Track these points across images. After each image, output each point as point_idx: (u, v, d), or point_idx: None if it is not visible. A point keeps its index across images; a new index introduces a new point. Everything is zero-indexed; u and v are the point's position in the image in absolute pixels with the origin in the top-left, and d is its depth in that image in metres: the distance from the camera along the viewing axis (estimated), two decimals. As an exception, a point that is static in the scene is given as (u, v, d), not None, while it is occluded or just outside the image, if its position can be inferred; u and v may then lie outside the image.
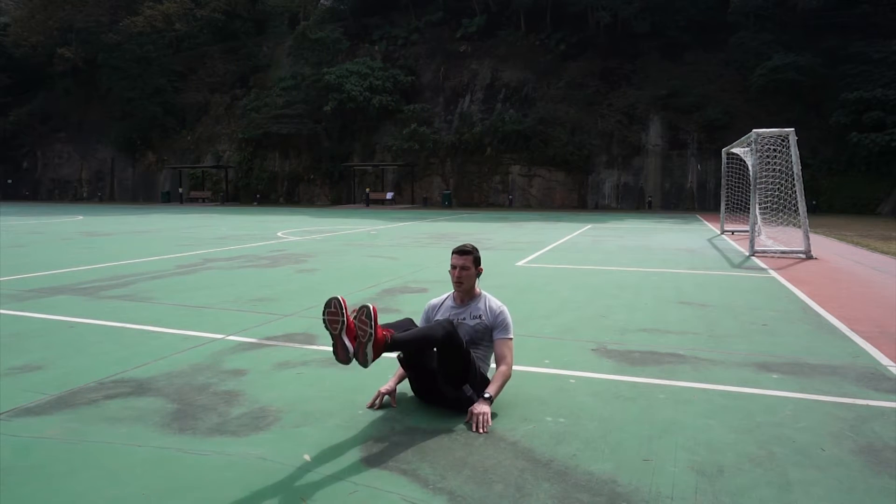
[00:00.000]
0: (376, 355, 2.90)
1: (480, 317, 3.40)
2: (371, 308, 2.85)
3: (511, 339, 3.40)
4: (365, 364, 2.90)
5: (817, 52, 33.64)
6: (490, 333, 3.39)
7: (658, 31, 38.20)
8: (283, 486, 2.44)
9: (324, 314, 2.91)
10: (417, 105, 40.52)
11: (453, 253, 3.46)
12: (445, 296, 3.62)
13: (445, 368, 3.12)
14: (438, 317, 3.46)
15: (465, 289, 3.45)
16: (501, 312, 3.41)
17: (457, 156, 39.05)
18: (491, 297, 3.52)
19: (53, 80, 51.00)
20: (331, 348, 2.98)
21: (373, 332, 2.83)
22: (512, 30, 42.23)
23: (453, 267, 3.43)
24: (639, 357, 4.36)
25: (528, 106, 38.46)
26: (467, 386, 3.18)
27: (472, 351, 3.37)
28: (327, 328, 2.92)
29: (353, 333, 2.91)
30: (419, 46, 44.07)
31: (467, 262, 3.40)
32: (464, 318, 3.41)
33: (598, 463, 2.66)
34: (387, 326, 3.13)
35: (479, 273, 3.48)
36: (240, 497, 2.36)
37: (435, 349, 3.11)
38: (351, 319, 2.92)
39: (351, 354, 2.90)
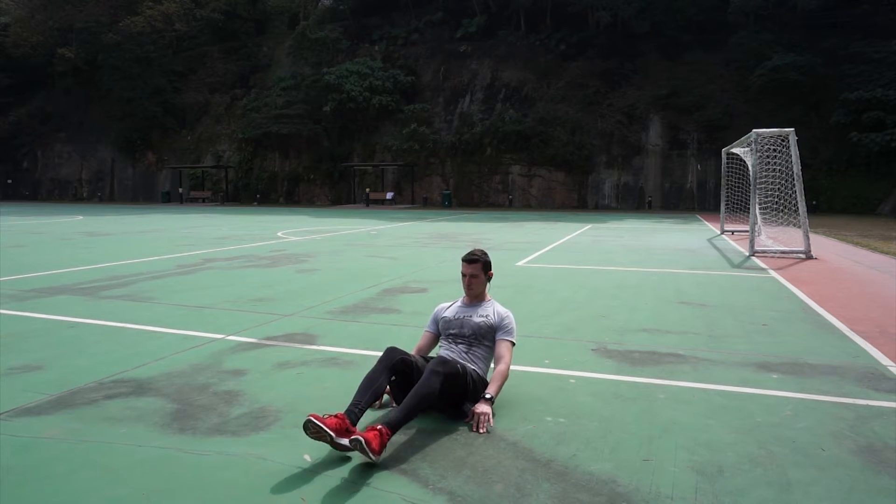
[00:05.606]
0: (382, 448, 2.68)
1: (487, 316, 3.52)
2: (362, 440, 2.57)
3: (513, 342, 3.49)
4: (377, 461, 2.68)
5: (817, 52, 33.59)
6: (493, 333, 3.49)
7: (658, 31, 38.18)
8: (283, 486, 2.45)
9: (308, 436, 2.70)
10: (417, 105, 40.44)
11: (463, 261, 3.62)
12: (456, 300, 3.74)
13: (445, 396, 3.06)
14: (447, 315, 3.59)
15: (476, 293, 3.61)
16: (508, 316, 3.55)
17: (457, 156, 38.99)
18: (498, 304, 3.66)
19: (53, 80, 50.90)
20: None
21: (372, 457, 2.60)
22: (512, 30, 42.18)
23: (464, 275, 3.60)
24: (639, 357, 4.36)
25: (528, 106, 38.41)
26: (467, 404, 3.19)
27: (472, 350, 3.40)
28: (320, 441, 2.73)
29: (342, 432, 2.71)
30: (419, 46, 44.03)
31: (476, 269, 3.57)
32: (470, 316, 3.53)
33: (598, 463, 2.66)
34: (370, 375, 3.02)
35: (489, 278, 3.65)
36: (240, 497, 2.36)
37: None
38: (332, 420, 2.71)
39: (355, 448, 2.63)
